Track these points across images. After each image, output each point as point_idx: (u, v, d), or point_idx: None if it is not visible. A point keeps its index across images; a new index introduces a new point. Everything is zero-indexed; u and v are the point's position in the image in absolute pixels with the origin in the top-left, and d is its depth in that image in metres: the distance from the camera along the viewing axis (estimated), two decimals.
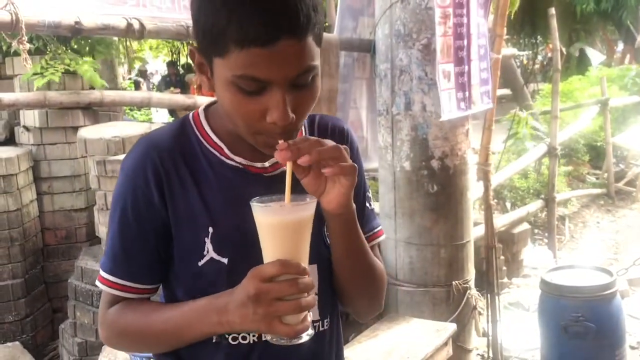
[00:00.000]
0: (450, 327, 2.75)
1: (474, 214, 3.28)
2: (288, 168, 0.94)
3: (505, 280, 4.72)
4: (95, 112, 4.38)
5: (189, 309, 1.01)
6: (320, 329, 1.14)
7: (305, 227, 0.95)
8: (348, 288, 1.15)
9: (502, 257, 4.54)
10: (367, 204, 1.21)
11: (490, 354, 3.61)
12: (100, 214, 3.78)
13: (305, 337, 0.94)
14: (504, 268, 4.68)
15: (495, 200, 5.35)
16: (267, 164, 1.08)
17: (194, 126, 1.08)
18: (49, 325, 4.24)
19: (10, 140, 4.45)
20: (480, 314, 3.22)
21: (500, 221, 4.62)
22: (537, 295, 3.37)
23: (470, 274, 3.12)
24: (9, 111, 4.42)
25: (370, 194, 1.24)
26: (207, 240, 1.03)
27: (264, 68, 0.90)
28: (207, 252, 1.03)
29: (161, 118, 10.71)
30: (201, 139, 1.07)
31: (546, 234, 5.61)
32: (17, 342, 3.88)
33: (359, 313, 1.24)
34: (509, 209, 5.68)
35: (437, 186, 2.95)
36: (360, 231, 1.08)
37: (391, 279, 3.10)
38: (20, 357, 3.84)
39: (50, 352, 4.15)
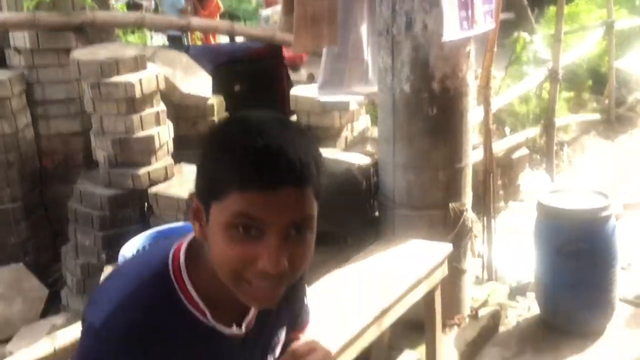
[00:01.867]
0: (447, 248, 2.79)
1: (472, 139, 3.27)
2: None
3: (502, 204, 4.76)
4: (87, 34, 4.27)
5: None
6: None
7: None
8: None
9: (499, 182, 4.56)
10: (306, 301, 1.31)
11: (485, 275, 3.69)
12: (97, 138, 3.75)
13: None
14: (501, 192, 4.71)
15: (495, 125, 5.31)
16: (243, 329, 1.10)
17: (175, 285, 1.04)
18: (50, 248, 4.30)
19: (1, 63, 4.35)
20: (475, 236, 3.27)
21: (499, 146, 4.61)
22: (533, 219, 3.41)
23: (468, 197, 3.14)
24: None
25: (306, 288, 1.32)
26: None
27: (262, 209, 0.92)
28: None
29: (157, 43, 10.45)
30: (186, 303, 1.05)
31: (544, 160, 5.62)
32: (21, 264, 3.95)
33: None
34: (508, 134, 5.65)
35: (437, 109, 2.92)
36: None
37: (388, 201, 3.12)
38: (24, 278, 3.93)
39: (54, 274, 4.23)
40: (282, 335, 1.21)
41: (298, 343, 1.07)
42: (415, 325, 2.97)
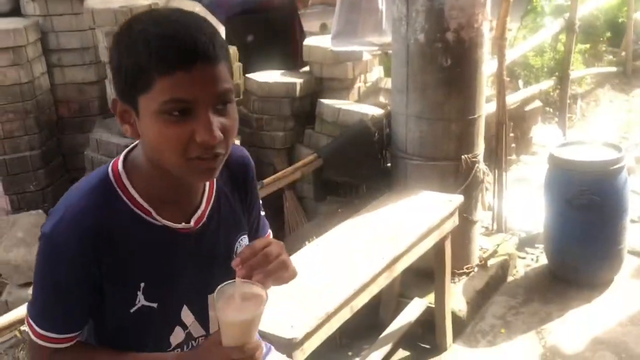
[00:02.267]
0: (458, 199, 2.83)
1: (486, 91, 3.26)
2: (238, 278, 1.07)
3: (514, 157, 4.77)
4: None
5: None
6: None
7: (259, 317, 1.09)
8: None
9: (511, 135, 4.56)
10: (262, 213, 1.38)
11: (495, 227, 3.74)
12: (112, 87, 3.78)
13: None
14: (513, 145, 4.72)
15: (508, 78, 5.27)
16: (191, 223, 1.17)
17: (117, 189, 1.12)
18: None
19: (15, 12, 4.35)
20: (487, 188, 3.30)
21: (512, 98, 4.59)
22: (544, 171, 3.43)
23: (480, 148, 3.16)
24: None
25: (260, 202, 1.38)
26: (139, 293, 1.14)
27: (188, 88, 1.00)
28: (139, 301, 1.15)
29: None
30: (127, 202, 1.12)
31: (557, 113, 5.59)
32: (40, 210, 4.04)
33: None
34: (522, 87, 5.61)
35: (451, 60, 2.91)
36: None
37: (400, 152, 3.15)
38: None
39: None
40: (246, 242, 1.29)
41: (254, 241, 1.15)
42: (425, 274, 3.05)
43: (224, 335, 1.08)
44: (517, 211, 3.94)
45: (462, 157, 3.05)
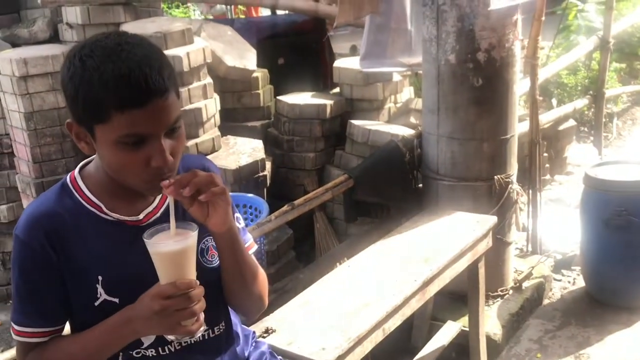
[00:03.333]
0: (491, 220, 2.79)
1: (518, 111, 3.23)
2: (171, 204, 1.14)
3: (548, 177, 4.70)
4: (136, 8, 4.35)
5: (101, 331, 1.21)
6: (213, 334, 1.38)
7: (191, 252, 1.16)
8: (239, 292, 1.37)
9: (545, 154, 4.50)
10: (238, 224, 1.40)
11: (529, 248, 3.67)
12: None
13: (199, 333, 1.20)
14: (547, 165, 4.65)
15: (541, 97, 5.20)
16: (141, 216, 1.27)
17: (72, 190, 1.25)
18: None
19: (54, 38, 4.49)
20: (521, 209, 3.25)
21: (546, 117, 4.53)
22: (580, 191, 3.36)
23: (513, 168, 3.12)
24: (51, 8, 4.43)
25: (239, 215, 1.44)
26: (99, 286, 1.23)
27: (143, 124, 1.10)
28: (100, 295, 1.23)
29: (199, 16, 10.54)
30: (81, 200, 1.24)
31: (592, 132, 5.50)
32: None
33: (249, 312, 1.47)
34: (555, 106, 5.53)
35: (483, 79, 2.89)
36: (242, 241, 1.33)
37: (432, 173, 3.13)
38: None
39: None
40: (212, 243, 1.34)
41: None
42: (459, 297, 3.00)
43: (159, 275, 1.15)
44: (552, 232, 3.87)
45: (495, 177, 3.01)
